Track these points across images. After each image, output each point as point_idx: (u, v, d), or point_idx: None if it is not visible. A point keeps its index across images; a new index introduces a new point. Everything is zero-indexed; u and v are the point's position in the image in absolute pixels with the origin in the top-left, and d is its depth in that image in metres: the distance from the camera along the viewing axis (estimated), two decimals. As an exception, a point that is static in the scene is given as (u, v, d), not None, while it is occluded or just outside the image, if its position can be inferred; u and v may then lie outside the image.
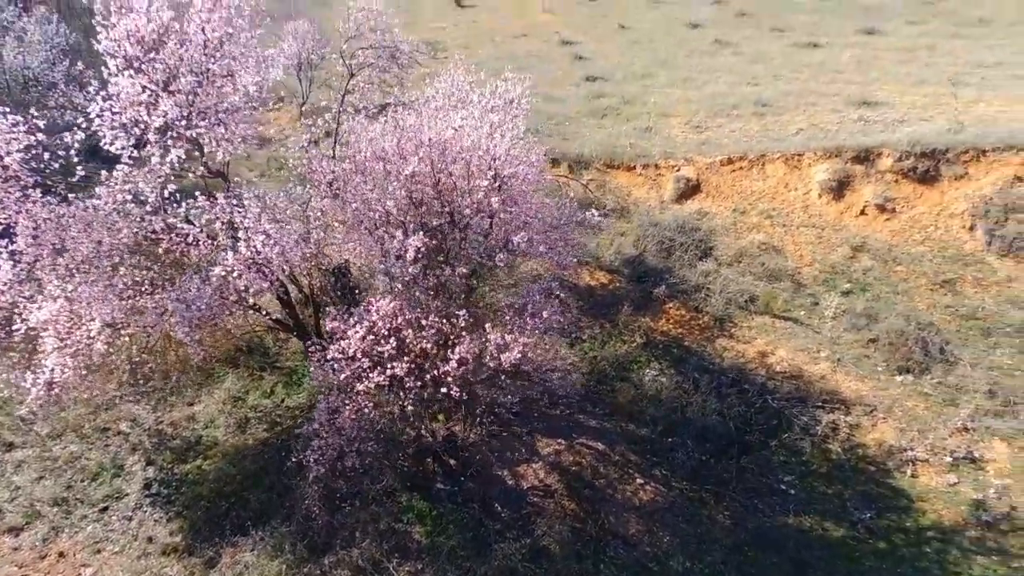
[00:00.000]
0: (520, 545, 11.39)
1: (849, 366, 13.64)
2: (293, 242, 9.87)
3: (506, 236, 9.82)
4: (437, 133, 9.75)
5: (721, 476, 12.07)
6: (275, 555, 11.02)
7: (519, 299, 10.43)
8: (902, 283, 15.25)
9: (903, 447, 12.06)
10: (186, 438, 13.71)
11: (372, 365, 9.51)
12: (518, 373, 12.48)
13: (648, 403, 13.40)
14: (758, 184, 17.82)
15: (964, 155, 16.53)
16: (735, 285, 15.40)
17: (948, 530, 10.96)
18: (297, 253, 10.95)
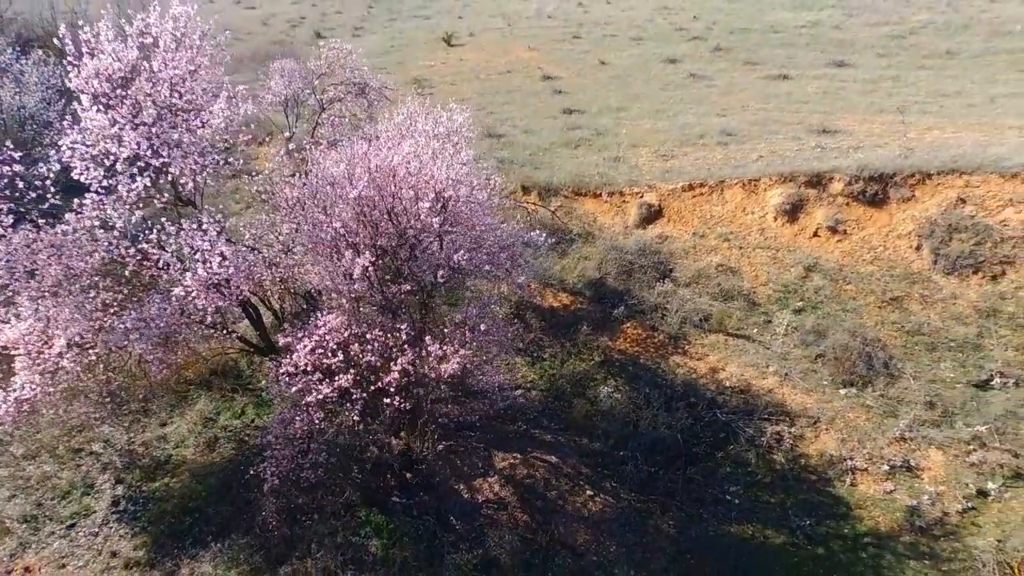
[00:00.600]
0: (472, 556, 11.77)
1: (796, 380, 14.12)
2: (248, 264, 10.48)
3: (447, 255, 10.44)
4: (383, 159, 10.46)
5: (668, 487, 12.47)
6: (232, 566, 11.41)
7: (460, 314, 10.98)
8: (851, 301, 15.79)
9: (843, 456, 12.47)
10: (156, 457, 14.16)
11: (321, 378, 10.05)
12: (462, 385, 13.06)
13: (602, 418, 13.86)
14: (717, 209, 18.51)
15: (911, 179, 17.23)
16: (691, 305, 15.96)
17: (883, 536, 11.32)
18: (258, 274, 11.63)
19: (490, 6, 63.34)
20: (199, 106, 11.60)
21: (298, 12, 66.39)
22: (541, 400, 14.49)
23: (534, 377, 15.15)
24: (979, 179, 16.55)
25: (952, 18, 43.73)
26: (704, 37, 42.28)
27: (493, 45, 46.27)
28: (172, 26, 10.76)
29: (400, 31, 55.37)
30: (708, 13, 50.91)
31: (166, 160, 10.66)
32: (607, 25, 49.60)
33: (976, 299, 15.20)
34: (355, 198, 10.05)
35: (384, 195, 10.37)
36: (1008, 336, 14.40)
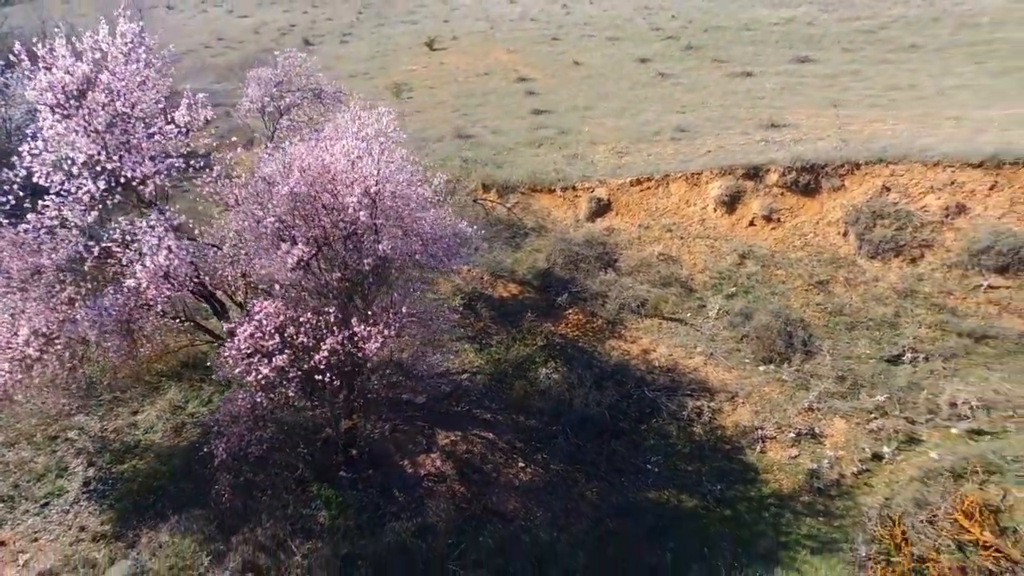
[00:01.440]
0: (411, 524, 12.80)
1: (720, 359, 15.07)
2: (193, 256, 11.52)
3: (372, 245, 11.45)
4: (315, 158, 11.48)
5: (594, 459, 13.46)
6: (187, 535, 12.46)
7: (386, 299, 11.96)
8: (780, 285, 16.73)
9: (756, 427, 13.43)
10: (126, 442, 15.21)
11: (260, 359, 11.07)
12: (411, 370, 14.08)
13: (539, 398, 14.85)
14: (662, 201, 19.47)
15: (841, 169, 18.15)
16: (630, 292, 16.93)
17: (785, 497, 12.27)
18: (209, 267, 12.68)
19: (476, 10, 64.37)
20: (152, 114, 12.62)
21: (289, 20, 67.54)
22: (485, 383, 15.47)
23: (480, 362, 16.15)
24: (904, 168, 17.46)
25: (925, 12, 44.55)
26: (678, 36, 43.20)
27: (475, 48, 47.31)
28: (120, 42, 11.77)
29: (387, 36, 56.47)
30: (687, 12, 51.85)
31: (118, 165, 11.67)
32: (586, 26, 50.59)
33: (896, 281, 16.12)
34: (287, 194, 11.07)
35: (317, 191, 11.38)
36: (922, 315, 15.31)
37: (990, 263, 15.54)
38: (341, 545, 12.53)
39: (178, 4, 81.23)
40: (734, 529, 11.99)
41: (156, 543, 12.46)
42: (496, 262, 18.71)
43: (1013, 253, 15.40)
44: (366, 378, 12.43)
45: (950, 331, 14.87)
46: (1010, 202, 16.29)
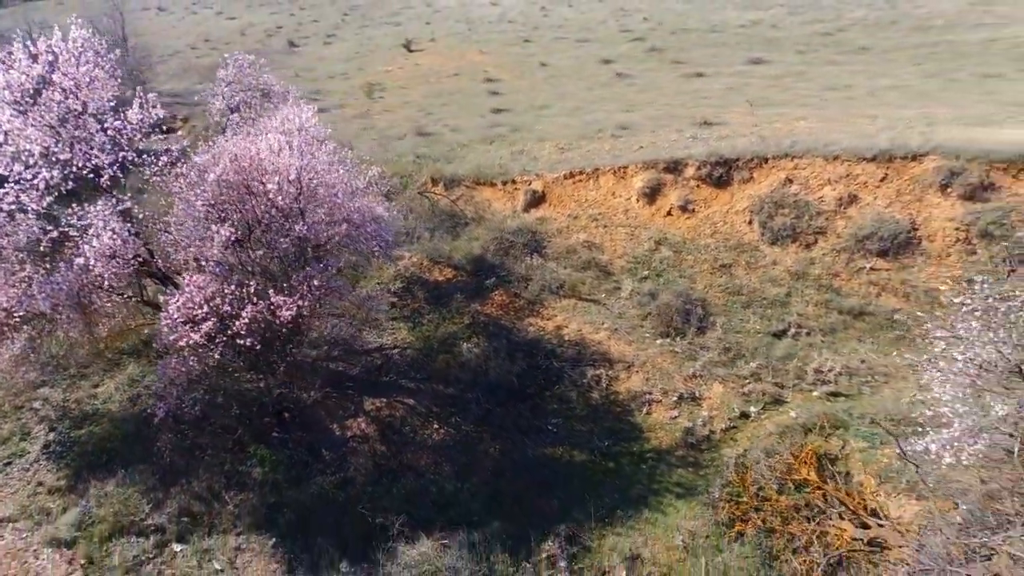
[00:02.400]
0: (334, 478, 14.39)
1: (623, 334, 16.66)
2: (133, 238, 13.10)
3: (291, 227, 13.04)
4: (242, 149, 13.07)
5: (500, 421, 15.06)
6: (131, 486, 14.07)
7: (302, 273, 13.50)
8: (689, 268, 18.32)
9: (645, 392, 15.02)
10: (85, 411, 16.76)
11: (190, 326, 12.64)
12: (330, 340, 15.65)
13: (459, 369, 16.44)
14: (592, 193, 21.06)
15: (751, 163, 19.73)
16: (552, 275, 18.52)
17: (662, 451, 13.86)
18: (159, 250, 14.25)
19: (458, 12, 65.85)
20: (103, 111, 14.19)
21: (276, 22, 68.87)
22: (414, 356, 17.05)
23: (411, 339, 17.74)
24: (807, 162, 19.05)
25: (885, 15, 46.12)
26: (645, 38, 44.73)
27: (450, 50, 48.80)
28: (72, 45, 13.34)
29: (369, 38, 57.89)
30: (660, 14, 53.37)
31: (70, 156, 13.25)
32: (560, 28, 52.11)
33: (791, 264, 17.71)
34: (215, 180, 12.65)
35: (244, 179, 12.97)
36: (811, 294, 16.90)
37: (873, 248, 17.12)
38: (269, 496, 14.12)
39: (169, 6, 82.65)
40: (615, 479, 13.58)
41: (103, 493, 14.05)
42: (435, 249, 20.27)
43: (893, 238, 16.98)
44: (298, 350, 13.98)
45: (833, 308, 16.45)
46: (897, 192, 17.88)
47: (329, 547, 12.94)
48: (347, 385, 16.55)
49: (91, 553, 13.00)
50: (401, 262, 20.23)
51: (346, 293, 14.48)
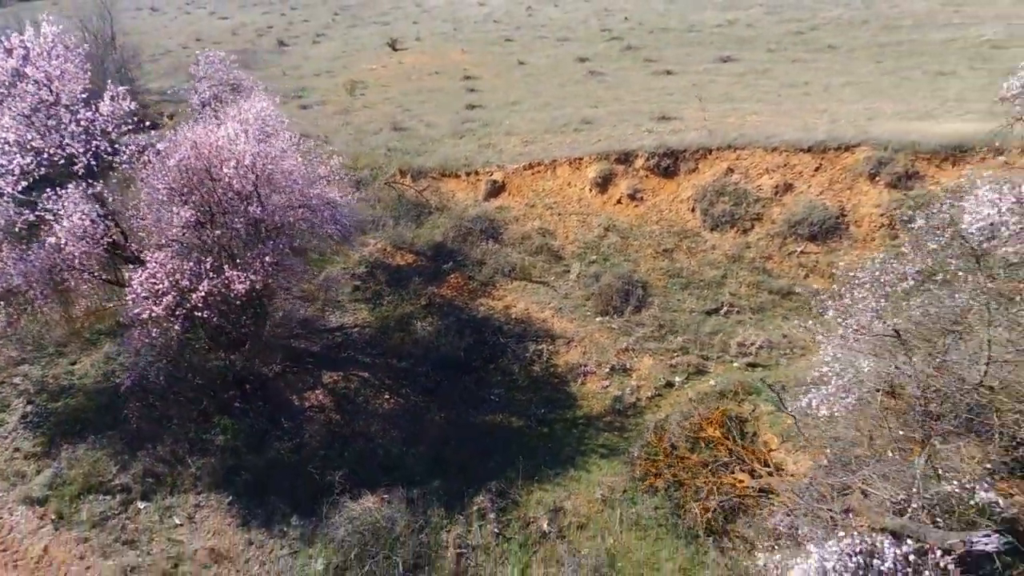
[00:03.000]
0: (290, 444, 15.49)
1: (566, 312, 17.77)
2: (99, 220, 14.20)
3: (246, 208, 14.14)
4: (201, 137, 14.17)
5: (447, 391, 16.16)
6: (99, 450, 15.16)
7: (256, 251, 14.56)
8: (634, 253, 19.42)
9: (581, 364, 16.11)
10: (62, 385, 17.86)
11: (152, 300, 13.73)
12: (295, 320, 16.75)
13: (413, 345, 17.54)
14: (549, 183, 22.18)
15: (696, 154, 20.85)
16: (505, 259, 19.64)
17: (593, 417, 14.97)
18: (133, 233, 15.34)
19: (446, 11, 66.86)
20: (75, 102, 15.27)
21: (267, 22, 69.82)
22: (372, 334, 18.16)
23: (371, 319, 18.85)
24: (748, 153, 20.16)
25: (858, 14, 47.18)
26: (623, 37, 45.79)
27: (434, 49, 49.84)
28: (43, 41, 14.43)
29: (357, 37, 58.89)
30: (642, 14, 54.42)
31: (43, 144, 14.34)
32: (543, 27, 53.16)
33: (728, 248, 18.82)
34: (175, 166, 13.76)
35: (203, 164, 14.07)
36: (744, 276, 18.01)
37: (804, 233, 18.23)
38: (229, 460, 15.22)
39: (163, 6, 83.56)
40: (548, 443, 14.70)
41: (74, 456, 15.17)
42: (399, 236, 21.38)
43: (823, 224, 18.09)
44: (264, 329, 15.10)
45: (763, 289, 17.56)
46: (829, 181, 18.99)
47: (281, 504, 14.04)
48: (308, 360, 17.66)
49: (61, 510, 14.08)
50: (366, 248, 21.33)
51: (299, 271, 15.57)
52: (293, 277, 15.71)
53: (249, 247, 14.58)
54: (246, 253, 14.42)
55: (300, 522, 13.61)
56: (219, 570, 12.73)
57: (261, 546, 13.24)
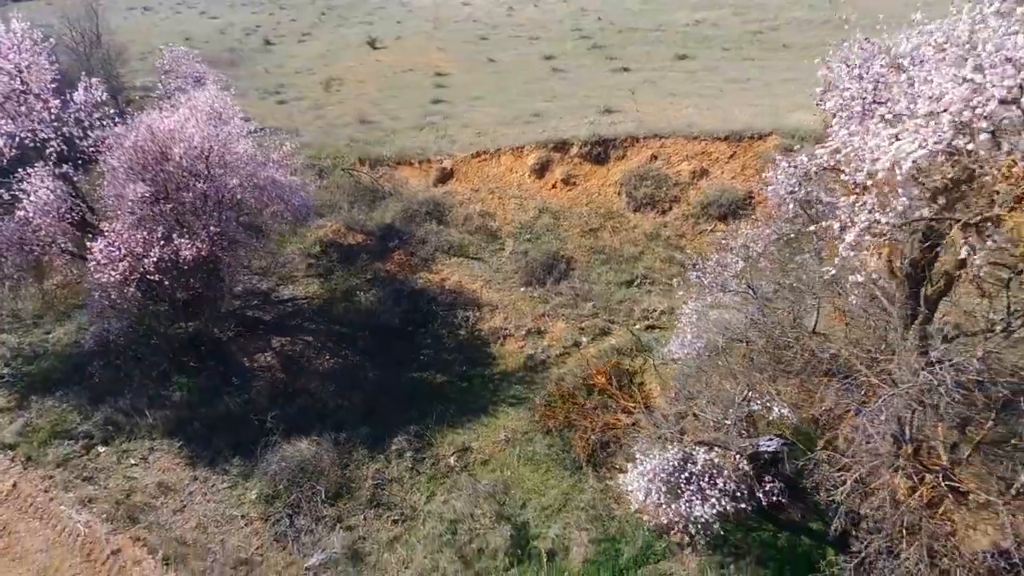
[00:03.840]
0: (239, 399, 17.24)
1: (495, 284, 19.56)
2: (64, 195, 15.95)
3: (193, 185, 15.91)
4: (156, 123, 15.95)
5: (383, 353, 17.91)
6: (64, 402, 16.92)
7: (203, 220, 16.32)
8: (563, 232, 21.21)
9: (502, 328, 17.89)
10: (36, 351, 19.62)
11: (110, 265, 15.48)
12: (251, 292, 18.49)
13: (355, 314, 19.31)
14: (493, 170, 23.97)
15: (625, 142, 22.64)
16: (446, 238, 21.42)
17: (508, 373, 16.77)
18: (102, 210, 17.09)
19: (430, 11, 68.51)
20: (45, 91, 17.01)
21: (255, 21, 71.41)
22: (319, 304, 19.94)
23: (321, 291, 20.64)
24: (671, 141, 21.95)
25: (820, 15, 48.83)
26: (591, 36, 47.53)
27: (412, 48, 51.54)
28: (12, 36, 16.18)
29: (342, 36, 60.52)
30: (617, 14, 56.14)
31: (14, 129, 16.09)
32: (519, 27, 54.88)
33: (648, 228, 20.61)
34: (130, 146, 15.53)
35: (156, 146, 15.84)
36: (660, 252, 19.79)
37: (715, 213, 20.01)
38: (183, 412, 16.99)
39: (155, 6, 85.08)
40: (465, 395, 16.48)
41: (43, 408, 16.96)
42: (353, 218, 23.16)
43: (731, 205, 19.86)
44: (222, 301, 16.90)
45: (675, 263, 19.33)
46: (741, 167, 20.79)
47: (225, 448, 15.80)
48: (261, 327, 19.45)
49: (30, 453, 15.84)
50: (322, 230, 23.13)
51: (248, 244, 17.35)
52: (242, 250, 17.47)
53: (198, 218, 16.35)
54: (195, 224, 16.19)
55: (240, 462, 15.37)
56: (165, 500, 14.48)
57: (205, 481, 14.99)
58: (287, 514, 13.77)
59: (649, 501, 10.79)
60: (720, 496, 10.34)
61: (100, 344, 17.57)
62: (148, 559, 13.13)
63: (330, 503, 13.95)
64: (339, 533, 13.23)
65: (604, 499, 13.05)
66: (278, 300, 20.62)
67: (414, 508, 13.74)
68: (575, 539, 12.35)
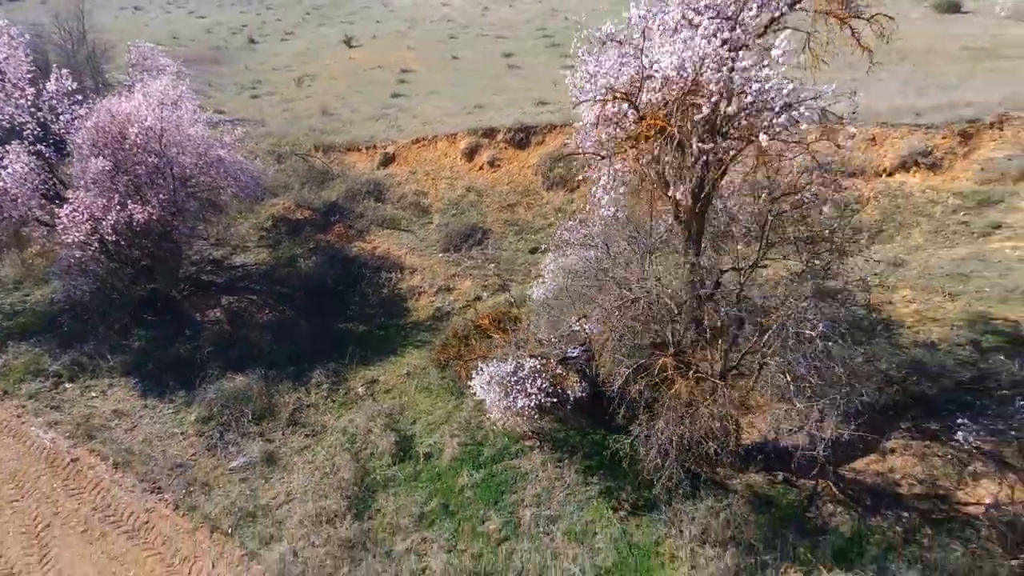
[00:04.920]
0: (189, 346, 20.11)
1: (418, 250, 22.45)
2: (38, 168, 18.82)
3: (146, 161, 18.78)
4: (115, 106, 18.82)
5: (315, 308, 20.78)
6: (38, 347, 19.78)
7: (155, 191, 19.17)
8: (485, 208, 24.08)
9: (419, 286, 20.76)
10: (16, 309, 22.47)
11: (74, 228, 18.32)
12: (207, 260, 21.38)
13: (296, 277, 22.18)
14: (430, 154, 26.85)
15: (545, 129, 25.50)
16: (381, 213, 24.30)
17: (418, 323, 19.69)
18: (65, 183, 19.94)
19: (409, 11, 71.33)
20: (21, 80, 19.90)
21: (241, 21, 74.21)
22: (265, 270, 22.81)
23: (269, 259, 23.50)
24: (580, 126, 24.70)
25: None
26: (553, 35, 50.31)
27: (385, 46, 54.36)
28: (-9, 32, 19.10)
29: (323, 35, 63.37)
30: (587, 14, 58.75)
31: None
32: (489, 26, 57.69)
33: (558, 203, 23.47)
34: (91, 126, 18.40)
35: (114, 126, 18.72)
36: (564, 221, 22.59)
37: (617, 189, 22.79)
38: (139, 356, 19.85)
39: (145, 6, 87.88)
40: (382, 341, 19.37)
41: (19, 352, 19.84)
42: (303, 197, 26.05)
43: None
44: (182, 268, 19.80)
45: (577, 233, 22.11)
46: (641, 149, 23.57)
47: (173, 383, 18.63)
48: (213, 288, 22.32)
49: (6, 388, 18.68)
50: (275, 207, 26.01)
51: (193, 209, 20.23)
52: (191, 219, 20.36)
53: (150, 188, 19.23)
54: (148, 193, 19.07)
55: (184, 394, 18.23)
56: (119, 422, 17.33)
57: (153, 408, 17.84)
58: (219, 431, 16.63)
59: (489, 401, 13.66)
60: (538, 392, 13.23)
61: (70, 301, 20.46)
62: (101, 464, 15.96)
63: (255, 423, 16.80)
64: (259, 443, 16.08)
65: (477, 416, 15.87)
66: (230, 266, 23.51)
67: (324, 426, 16.60)
68: (448, 444, 15.20)
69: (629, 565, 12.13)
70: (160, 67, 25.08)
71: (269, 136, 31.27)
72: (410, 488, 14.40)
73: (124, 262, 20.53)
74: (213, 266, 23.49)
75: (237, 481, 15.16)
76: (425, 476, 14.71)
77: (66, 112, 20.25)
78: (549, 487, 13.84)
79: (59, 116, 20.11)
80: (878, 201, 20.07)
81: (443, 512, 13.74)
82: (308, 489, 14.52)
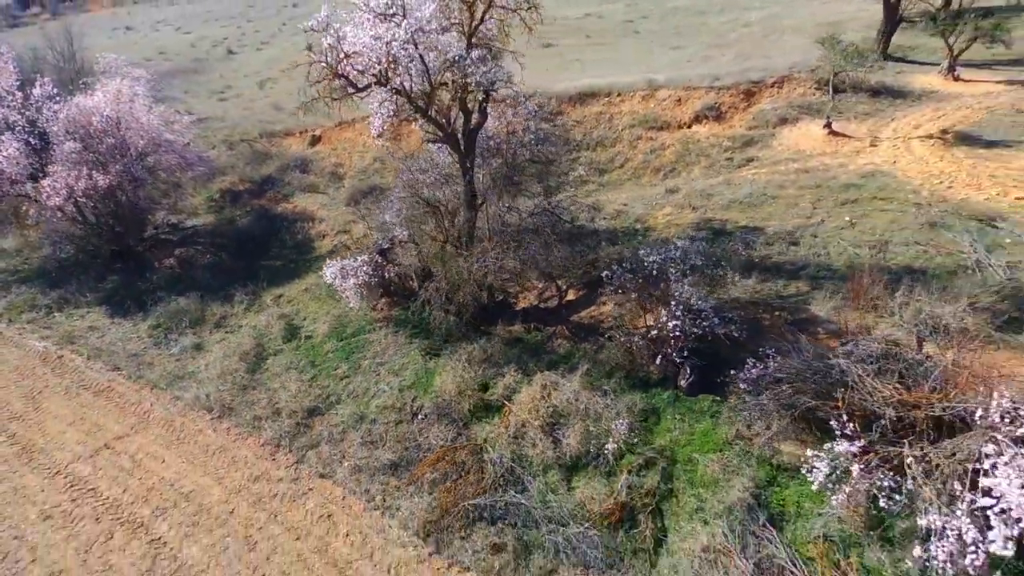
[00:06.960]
0: (147, 283, 26.64)
1: (328, 207, 28.81)
2: (27, 151, 25.37)
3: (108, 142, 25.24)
4: (84, 101, 25.38)
5: (246, 252, 27.17)
6: (33, 289, 26.35)
7: (115, 164, 25.62)
8: (388, 173, 30.35)
9: (325, 231, 27.10)
10: (17, 269, 29.06)
11: (53, 196, 24.82)
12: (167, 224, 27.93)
13: (233, 232, 28.64)
14: (349, 135, 33.23)
15: (438, 107, 31.69)
16: (305, 181, 30.72)
17: (321, 256, 26.00)
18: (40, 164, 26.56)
19: (375, 17, 77.44)
20: (11, 88, 26.52)
21: (223, 34, 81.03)
22: (211, 229, 29.28)
23: (214, 221, 29.98)
24: (468, 104, 30.92)
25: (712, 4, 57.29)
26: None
27: (346, 49, 60.48)
28: (-11, 51, 25.67)
29: (295, 44, 69.76)
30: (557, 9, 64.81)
31: (-7, 109, 25.59)
32: (440, 27, 63.76)
33: (443, 165, 29.66)
34: (64, 118, 24.96)
35: (85, 118, 25.28)
36: (446, 180, 28.83)
37: (485, 151, 28.99)
38: (111, 294, 26.34)
39: (136, 26, 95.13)
40: (291, 270, 25.71)
41: (19, 293, 26.43)
42: (246, 173, 32.60)
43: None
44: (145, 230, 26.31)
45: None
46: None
47: (135, 308, 25.06)
48: (168, 244, 28.82)
49: (11, 317, 25.27)
50: (224, 183, 32.50)
51: (147, 180, 26.72)
52: (146, 185, 26.87)
53: (110, 162, 25.74)
54: (108, 165, 25.58)
55: (142, 315, 24.66)
56: (92, 333, 23.80)
57: (118, 324, 24.32)
58: (163, 333, 23.10)
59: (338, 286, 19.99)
60: (363, 275, 19.56)
61: (57, 258, 27.06)
62: (78, 358, 22.42)
63: (191, 328, 23.21)
64: (191, 338, 22.48)
65: (348, 312, 22.11)
66: (183, 228, 30.08)
67: (240, 325, 22.96)
68: (321, 326, 21.50)
69: (421, 382, 18.35)
70: (124, 73, 31.75)
71: (225, 129, 37.87)
72: (291, 355, 20.75)
73: (97, 223, 27.06)
74: (170, 228, 30.04)
75: (173, 360, 21.58)
76: (303, 348, 21.07)
77: (48, 110, 26.84)
78: (385, 348, 20.11)
79: (42, 113, 26.72)
80: (675, 147, 26.13)
81: (310, 366, 20.09)
82: (219, 360, 20.85)
